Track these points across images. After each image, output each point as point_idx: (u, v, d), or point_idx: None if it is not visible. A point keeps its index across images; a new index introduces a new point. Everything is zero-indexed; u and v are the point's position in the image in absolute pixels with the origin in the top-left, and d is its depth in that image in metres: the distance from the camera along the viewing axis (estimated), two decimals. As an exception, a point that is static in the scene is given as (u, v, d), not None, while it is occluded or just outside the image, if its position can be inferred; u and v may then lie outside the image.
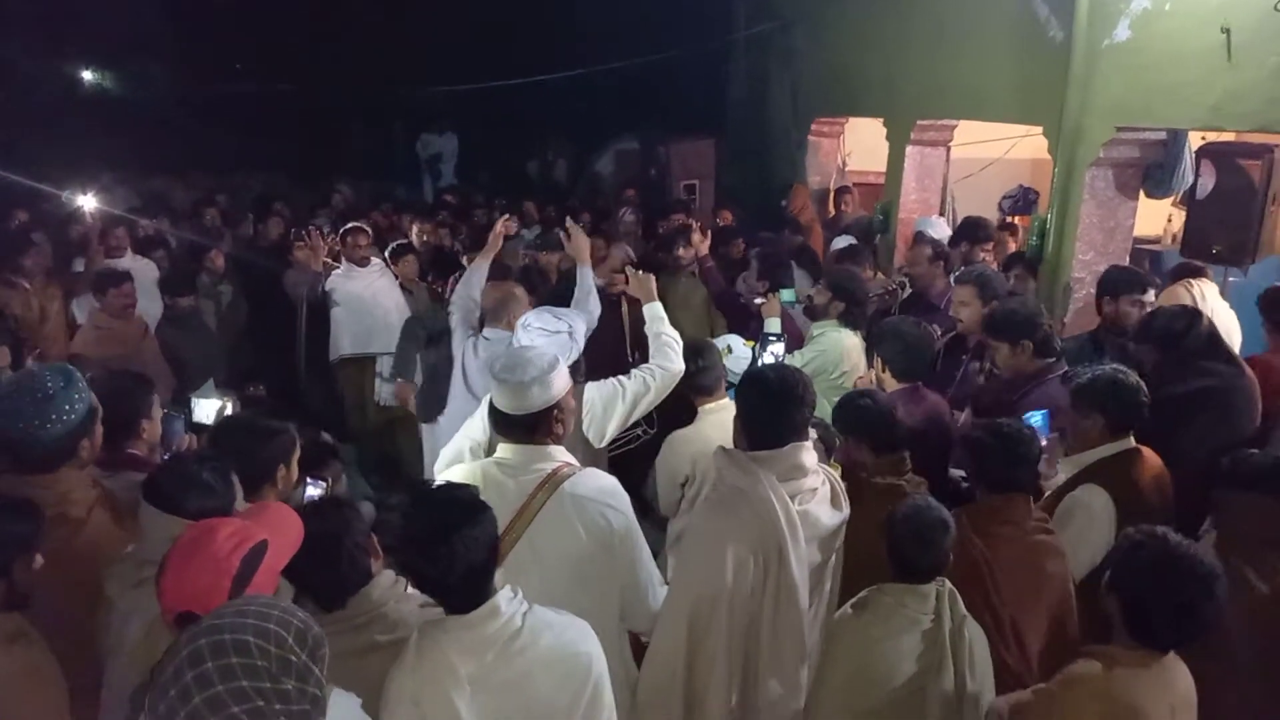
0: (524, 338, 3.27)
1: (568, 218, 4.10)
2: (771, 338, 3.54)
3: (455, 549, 1.79)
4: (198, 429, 3.24)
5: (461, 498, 1.90)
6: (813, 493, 2.37)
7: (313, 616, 1.49)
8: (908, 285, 4.96)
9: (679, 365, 3.27)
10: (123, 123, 11.80)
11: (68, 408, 2.36)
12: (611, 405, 3.13)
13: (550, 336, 3.25)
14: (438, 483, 2.12)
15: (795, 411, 2.36)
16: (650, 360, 3.30)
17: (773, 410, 2.37)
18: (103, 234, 6.27)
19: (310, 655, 1.41)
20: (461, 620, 1.84)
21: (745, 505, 2.27)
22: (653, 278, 3.66)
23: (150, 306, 5.31)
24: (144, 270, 5.87)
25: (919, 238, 5.54)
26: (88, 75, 13.66)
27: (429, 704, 1.77)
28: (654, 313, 3.46)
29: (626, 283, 3.86)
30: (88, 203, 6.74)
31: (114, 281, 4.81)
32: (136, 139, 11.36)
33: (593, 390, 3.15)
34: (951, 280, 4.90)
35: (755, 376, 2.51)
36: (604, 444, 3.16)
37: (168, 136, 11.70)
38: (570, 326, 3.32)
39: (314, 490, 2.75)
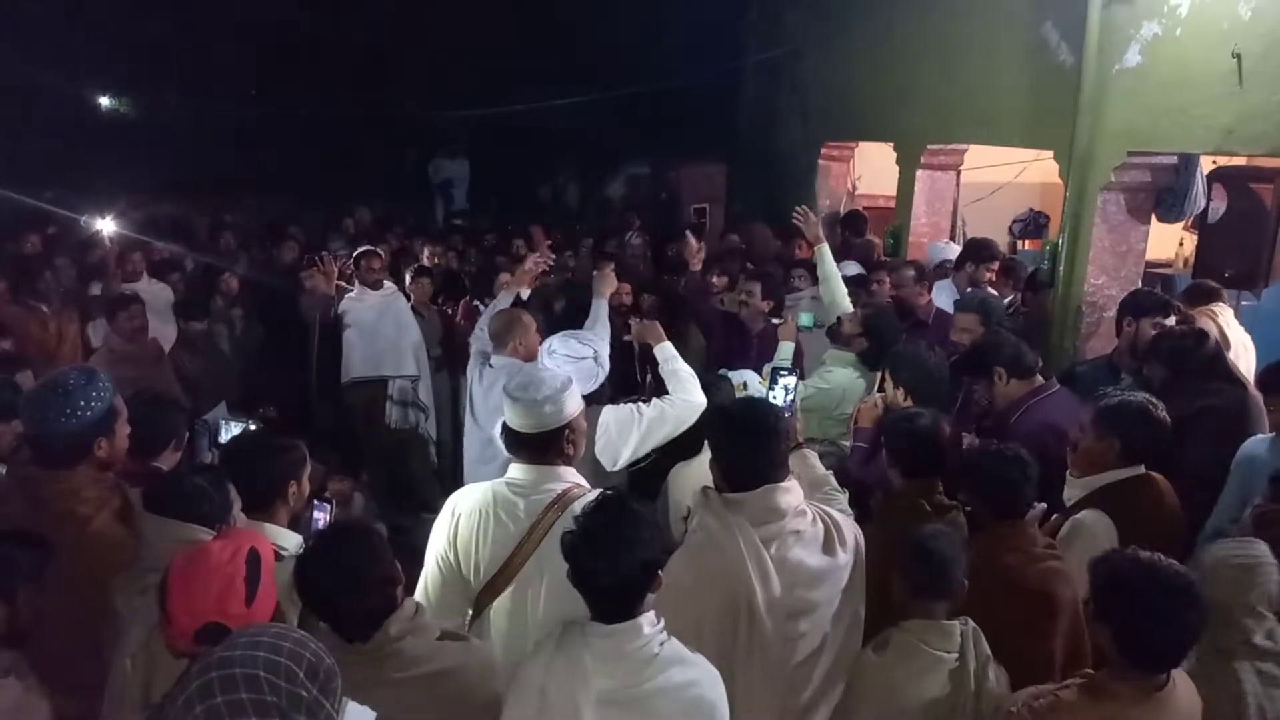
0: (549, 363, 3.24)
1: (603, 260, 4.03)
2: (782, 372, 3.36)
3: (617, 554, 1.85)
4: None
5: (641, 514, 1.95)
6: (795, 535, 2.29)
7: (329, 646, 1.48)
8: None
9: (699, 398, 3.23)
10: (139, 146, 11.97)
11: (83, 403, 2.44)
12: (626, 430, 3.09)
13: (576, 363, 3.22)
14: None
15: (768, 449, 2.29)
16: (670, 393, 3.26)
17: (744, 449, 2.30)
18: (120, 257, 6.34)
19: (321, 689, 1.40)
20: (604, 629, 1.88)
21: (715, 552, 2.22)
22: (657, 324, 3.63)
23: (165, 330, 5.35)
24: (159, 294, 5.93)
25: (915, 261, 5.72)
26: (105, 100, 13.87)
27: (555, 697, 1.83)
28: (664, 353, 3.43)
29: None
30: (106, 226, 6.83)
31: (122, 305, 4.87)
32: (152, 162, 11.51)
33: (609, 414, 3.12)
34: (933, 299, 5.13)
35: (723, 413, 2.43)
36: (617, 468, 3.13)
37: (183, 160, 11.85)
38: (595, 351, 3.30)
39: (320, 514, 2.75)
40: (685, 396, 3.23)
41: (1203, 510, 3.14)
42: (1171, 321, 3.99)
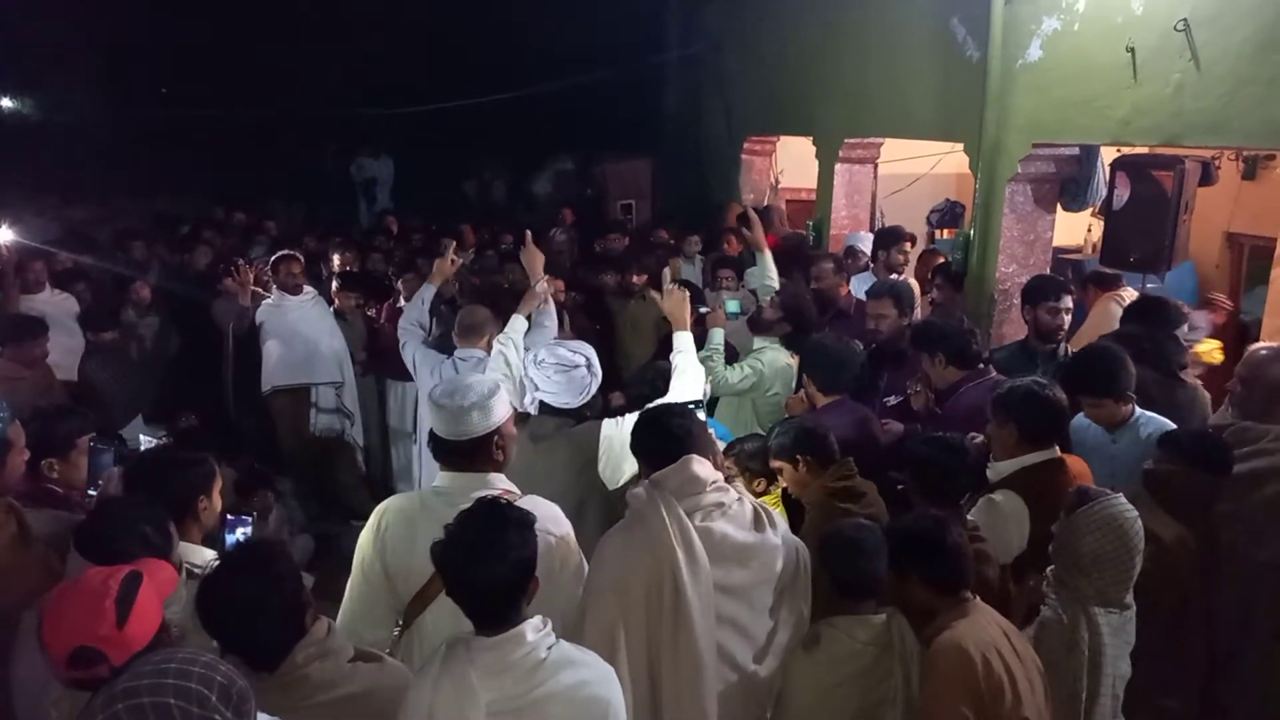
0: (535, 374, 3.08)
1: (528, 232, 3.97)
2: (690, 405, 3.09)
3: (488, 561, 1.84)
4: None
5: (510, 515, 1.93)
6: (719, 509, 2.35)
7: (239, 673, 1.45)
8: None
9: (697, 397, 3.15)
10: (42, 148, 11.43)
11: None
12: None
13: (566, 373, 3.05)
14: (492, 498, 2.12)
15: (681, 424, 2.43)
16: (670, 390, 3.18)
17: (659, 429, 2.43)
18: (19, 268, 6.03)
19: (235, 712, 1.37)
20: (486, 641, 1.86)
21: (640, 526, 2.27)
22: (687, 302, 3.50)
23: (70, 343, 5.12)
24: (62, 305, 5.67)
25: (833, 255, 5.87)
26: (4, 100, 13.20)
27: (444, 716, 1.79)
28: (682, 342, 3.35)
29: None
30: (3, 235, 6.49)
31: (31, 334, 4.56)
32: (57, 165, 11.01)
33: (611, 428, 3.01)
34: (852, 289, 5.29)
35: (648, 419, 2.53)
36: (620, 485, 3.01)
37: (90, 162, 11.36)
38: (587, 359, 3.12)
39: (241, 529, 2.67)
40: (684, 394, 3.14)
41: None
42: (1069, 303, 4.15)
